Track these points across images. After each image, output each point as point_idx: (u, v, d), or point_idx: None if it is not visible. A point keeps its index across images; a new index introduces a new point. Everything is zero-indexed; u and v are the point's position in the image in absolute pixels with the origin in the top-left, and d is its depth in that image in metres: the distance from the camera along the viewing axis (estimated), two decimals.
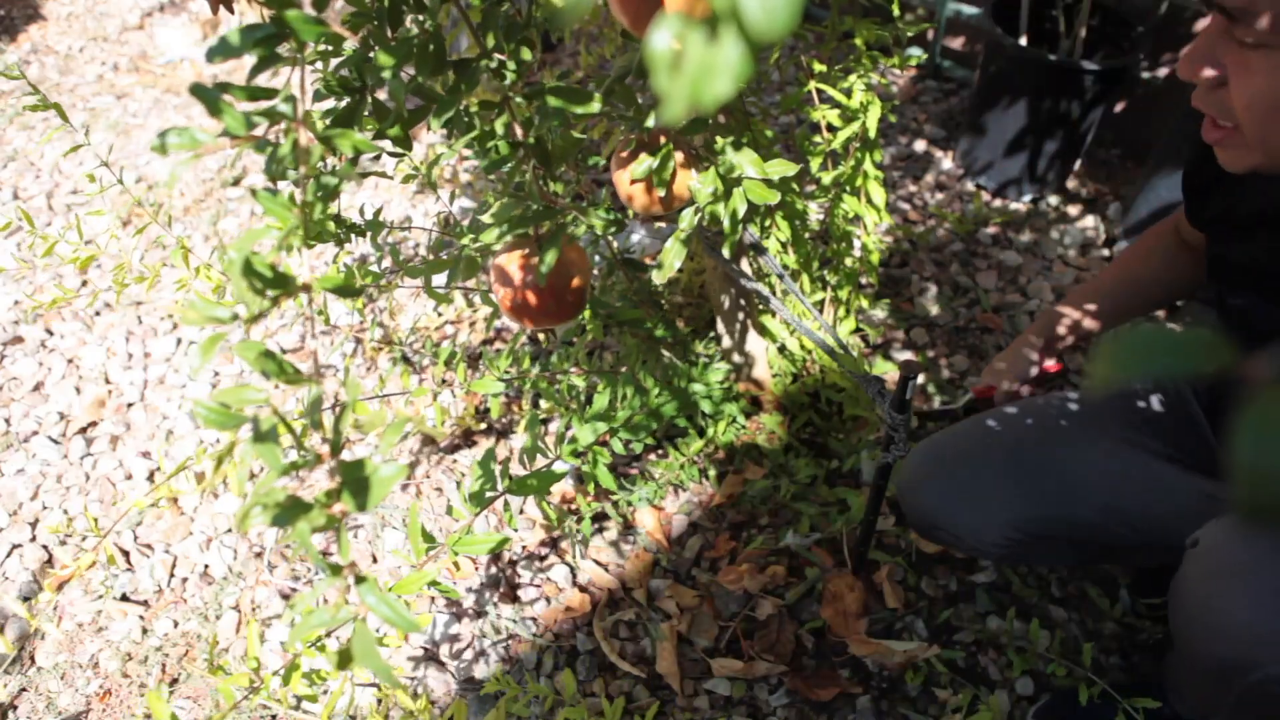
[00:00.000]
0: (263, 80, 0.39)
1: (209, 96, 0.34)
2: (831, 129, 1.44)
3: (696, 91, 0.20)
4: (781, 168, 0.81)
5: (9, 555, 1.59)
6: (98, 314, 2.07)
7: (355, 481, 0.34)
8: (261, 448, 0.33)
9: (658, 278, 0.84)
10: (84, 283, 2.14)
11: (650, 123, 0.83)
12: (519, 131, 0.62)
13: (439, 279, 1.97)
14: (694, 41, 0.20)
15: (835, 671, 1.36)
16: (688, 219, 0.85)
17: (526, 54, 0.57)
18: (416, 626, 0.35)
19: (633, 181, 0.87)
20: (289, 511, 0.33)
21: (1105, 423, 1.14)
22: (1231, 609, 0.84)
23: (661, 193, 0.85)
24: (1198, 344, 0.20)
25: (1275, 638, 0.81)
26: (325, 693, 1.36)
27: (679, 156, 0.86)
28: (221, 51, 0.35)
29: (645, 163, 0.84)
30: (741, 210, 0.82)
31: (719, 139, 0.81)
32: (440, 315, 2.00)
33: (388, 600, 0.34)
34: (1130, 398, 1.16)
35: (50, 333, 2.03)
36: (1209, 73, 0.71)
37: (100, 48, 3.16)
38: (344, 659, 0.36)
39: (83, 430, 1.82)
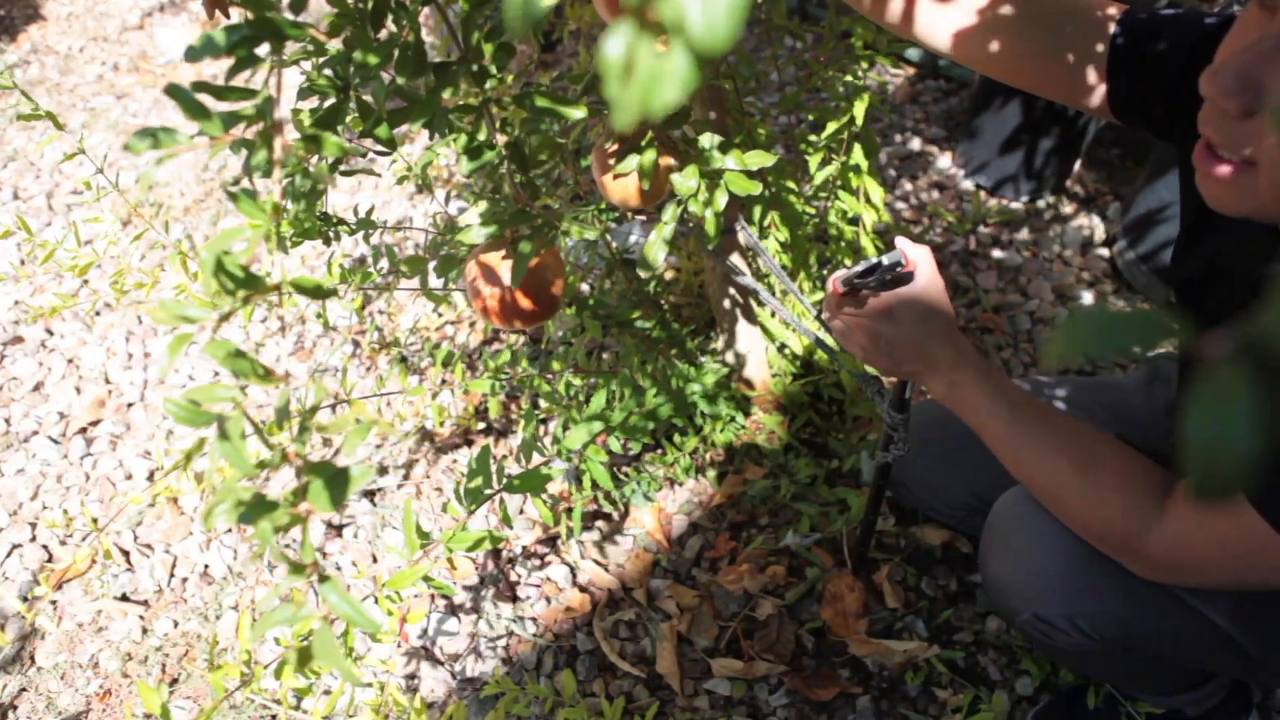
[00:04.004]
0: (243, 79, 0.39)
1: (185, 98, 0.34)
2: (820, 127, 1.44)
3: (646, 99, 0.21)
4: (760, 159, 0.81)
5: (9, 555, 1.60)
6: (98, 314, 2.07)
7: (321, 481, 0.34)
8: (226, 446, 0.33)
9: (642, 272, 0.84)
10: (85, 282, 2.15)
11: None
12: (497, 135, 0.62)
13: (437, 279, 1.97)
14: (644, 51, 0.20)
15: (835, 671, 1.36)
16: (670, 212, 0.85)
17: (507, 57, 0.57)
18: (378, 627, 0.35)
19: (615, 177, 0.87)
20: (253, 510, 0.33)
21: (1085, 409, 1.19)
22: (991, 564, 1.03)
23: (645, 186, 0.85)
24: (1155, 324, 0.20)
25: (1019, 588, 0.98)
26: (326, 692, 1.36)
27: (662, 152, 0.86)
28: (201, 52, 0.35)
29: (627, 158, 0.84)
30: (722, 203, 0.82)
31: (703, 136, 0.81)
32: (440, 316, 2.00)
33: (349, 600, 0.34)
34: (1115, 390, 1.19)
35: (50, 333, 2.04)
36: (1242, 97, 0.58)
37: (100, 48, 3.16)
38: (304, 658, 0.36)
39: (83, 430, 1.82)
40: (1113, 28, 0.83)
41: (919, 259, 0.90)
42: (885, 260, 0.87)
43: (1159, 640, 0.93)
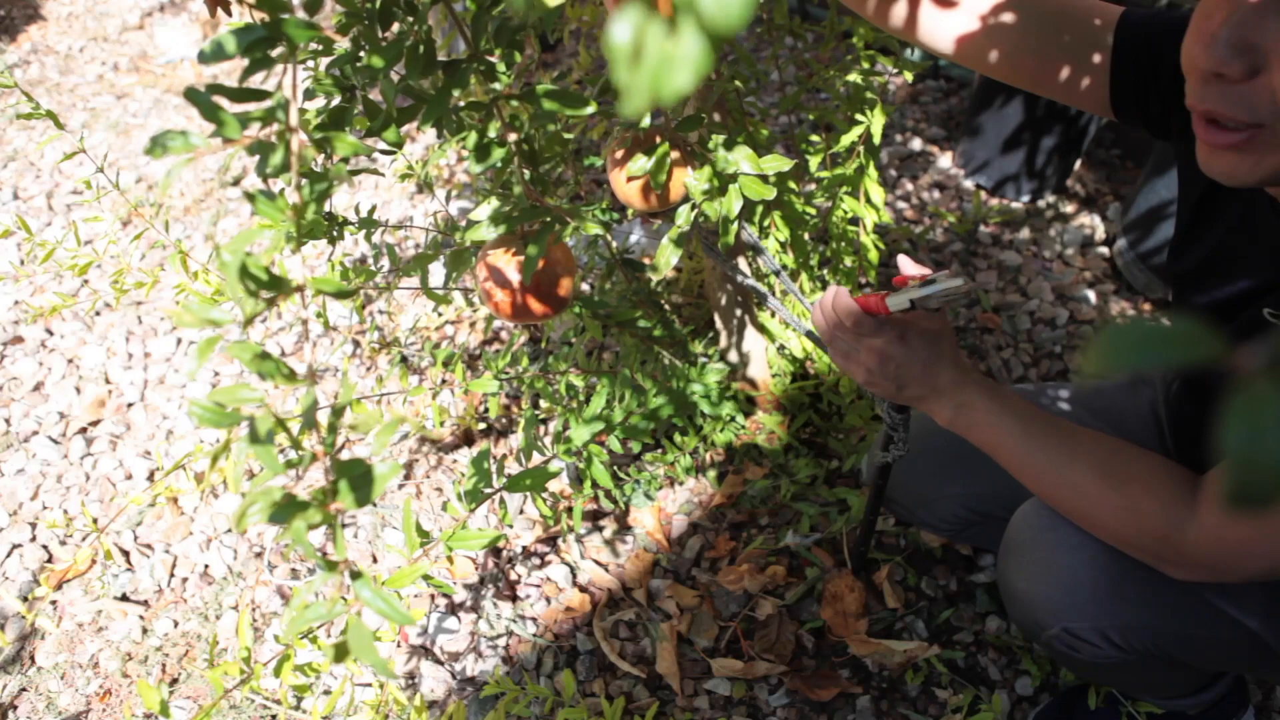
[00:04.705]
0: (256, 81, 0.39)
1: (202, 100, 0.34)
2: (831, 129, 1.44)
3: (656, 84, 0.20)
4: (777, 163, 0.81)
5: (9, 555, 1.59)
6: (98, 314, 2.07)
7: (351, 479, 0.34)
8: (257, 447, 0.33)
9: (654, 276, 0.84)
10: (85, 282, 2.14)
11: (645, 121, 0.83)
12: (507, 133, 0.63)
13: (437, 279, 1.97)
14: (653, 34, 0.20)
15: (835, 671, 1.36)
16: (684, 216, 0.85)
17: (517, 56, 0.57)
18: (410, 620, 0.35)
19: (628, 180, 0.88)
20: (285, 509, 0.33)
21: (1076, 415, 1.18)
22: (1014, 580, 0.99)
23: (657, 191, 0.86)
24: (1189, 336, 0.20)
25: (1048, 603, 0.95)
26: (326, 692, 1.36)
27: (674, 154, 0.86)
28: (214, 54, 0.35)
29: (640, 161, 0.84)
30: (737, 207, 0.82)
31: (714, 138, 0.81)
32: (440, 315, 2.00)
33: (382, 595, 0.35)
34: (1101, 394, 1.20)
35: (50, 333, 2.03)
36: (1242, 59, 0.58)
37: (100, 48, 3.16)
38: (340, 652, 0.36)
39: (83, 430, 1.82)
40: (1113, 28, 0.84)
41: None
42: (950, 284, 0.80)
43: (1186, 646, 0.91)
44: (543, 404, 1.72)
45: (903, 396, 0.90)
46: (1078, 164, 2.20)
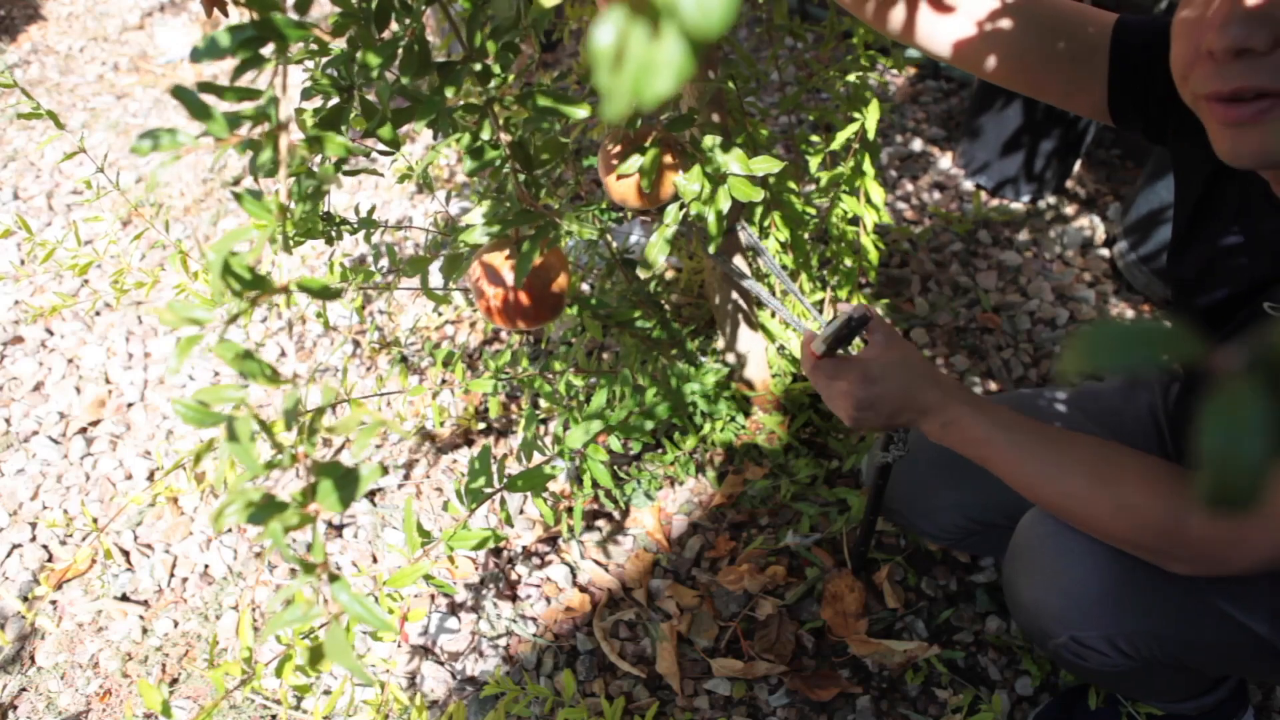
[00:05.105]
0: (247, 80, 0.39)
1: (190, 99, 0.34)
2: (831, 129, 1.44)
3: (638, 88, 0.20)
4: (767, 164, 0.81)
5: (9, 555, 1.60)
6: (98, 314, 2.07)
7: (330, 481, 0.34)
8: (236, 447, 0.33)
9: (642, 274, 0.84)
10: (85, 282, 2.15)
11: (639, 122, 0.83)
12: (501, 135, 0.62)
13: (437, 279, 1.97)
14: (636, 38, 0.20)
15: (835, 671, 1.36)
16: (672, 215, 0.85)
17: (512, 56, 0.57)
18: (389, 627, 0.35)
19: (619, 178, 0.88)
20: (263, 510, 0.33)
21: (1070, 418, 1.18)
22: (1021, 589, 1.00)
23: (647, 189, 0.86)
24: (1169, 337, 0.20)
25: (1056, 612, 0.95)
26: (326, 692, 1.36)
27: (666, 154, 0.86)
28: (207, 52, 0.35)
29: (631, 160, 0.84)
30: (726, 207, 0.82)
31: (707, 138, 0.81)
32: (440, 315, 2.00)
33: (360, 600, 0.34)
34: (1096, 397, 1.19)
35: (50, 333, 2.04)
36: (1265, 31, 0.59)
37: (100, 48, 3.16)
38: (316, 657, 0.36)
39: (83, 430, 1.82)
40: (1110, 33, 0.84)
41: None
42: (854, 315, 0.87)
43: (1194, 652, 0.91)
44: (543, 404, 1.72)
45: (896, 422, 0.91)
46: (1077, 165, 2.20)
